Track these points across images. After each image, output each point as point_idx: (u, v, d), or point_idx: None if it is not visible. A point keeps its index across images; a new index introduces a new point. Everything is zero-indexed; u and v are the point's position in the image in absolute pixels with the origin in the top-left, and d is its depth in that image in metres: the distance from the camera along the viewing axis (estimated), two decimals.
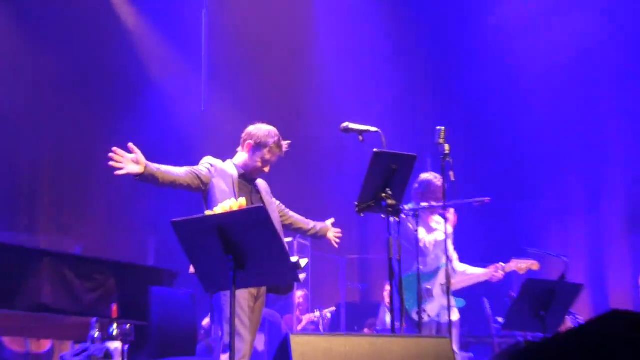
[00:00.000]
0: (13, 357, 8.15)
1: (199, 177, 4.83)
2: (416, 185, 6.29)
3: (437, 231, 6.14)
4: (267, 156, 4.99)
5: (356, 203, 4.94)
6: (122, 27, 11.25)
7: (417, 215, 6.00)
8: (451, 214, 6.19)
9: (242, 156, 5.05)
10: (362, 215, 4.99)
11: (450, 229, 6.14)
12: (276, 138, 5.03)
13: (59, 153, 10.47)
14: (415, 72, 10.67)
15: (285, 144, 5.08)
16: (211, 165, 4.93)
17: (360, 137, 5.14)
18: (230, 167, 4.99)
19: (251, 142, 5.02)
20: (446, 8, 10.38)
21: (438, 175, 5.79)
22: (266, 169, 5.03)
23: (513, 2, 9.71)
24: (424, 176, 6.28)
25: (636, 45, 9.25)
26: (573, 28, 9.27)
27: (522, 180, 9.70)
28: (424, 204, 6.13)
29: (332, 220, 5.48)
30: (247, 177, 5.02)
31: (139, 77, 11.20)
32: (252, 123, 5.15)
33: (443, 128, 5.37)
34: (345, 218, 5.66)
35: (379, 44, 10.71)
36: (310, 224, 5.41)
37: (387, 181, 4.86)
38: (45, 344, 8.16)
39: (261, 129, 5.05)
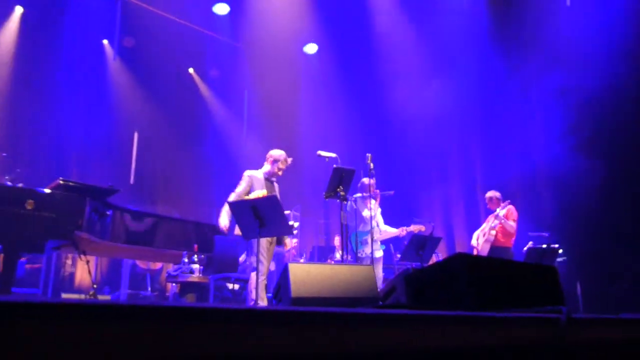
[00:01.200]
0: (142, 271, 8.10)
1: (248, 186, 4.82)
2: (359, 185, 6.34)
3: (371, 209, 6.16)
4: (280, 166, 5.00)
5: (324, 193, 4.96)
6: (200, 96, 11.19)
7: (356, 200, 6.05)
8: (377, 200, 6.26)
9: (266, 167, 5.03)
10: (327, 199, 5.02)
11: (377, 207, 6.19)
12: (285, 156, 5.04)
13: (163, 161, 10.39)
14: (358, 123, 10.62)
15: (289, 160, 5.10)
16: (249, 177, 4.91)
17: (327, 159, 5.16)
18: (260, 174, 4.97)
19: (271, 159, 5.02)
20: (376, 83, 10.31)
21: (368, 179, 5.83)
22: (280, 173, 5.04)
23: (411, 82, 9.60)
24: (363, 180, 6.32)
25: (464, 100, 9.15)
26: (434, 94, 9.24)
27: (411, 179, 9.63)
28: (359, 194, 6.18)
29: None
30: (269, 179, 5.02)
31: (209, 121, 11.11)
32: (271, 148, 5.16)
33: (370, 155, 5.40)
34: (318, 202, 5.64)
35: (339, 102, 10.65)
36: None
37: (340, 182, 4.87)
38: (158, 265, 8.11)
39: (277, 152, 5.04)
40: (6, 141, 8.40)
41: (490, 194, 6.57)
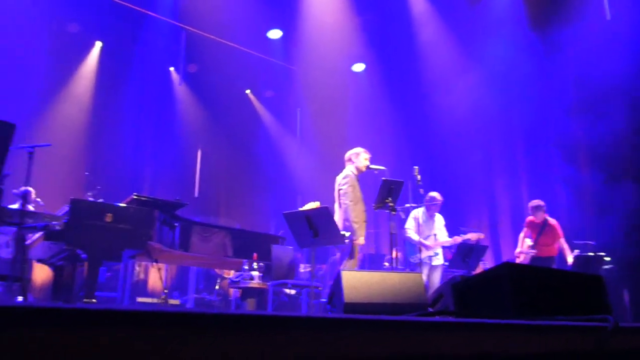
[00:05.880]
0: (215, 275, 8.14)
1: (354, 187, 4.88)
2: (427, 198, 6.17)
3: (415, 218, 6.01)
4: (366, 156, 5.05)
5: (373, 205, 4.93)
6: (257, 115, 11.42)
7: (403, 211, 5.97)
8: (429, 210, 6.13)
9: (352, 166, 4.98)
10: (376, 210, 4.99)
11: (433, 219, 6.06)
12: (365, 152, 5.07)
13: (223, 176, 10.69)
14: (404, 135, 10.46)
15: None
16: (352, 179, 4.89)
17: (376, 171, 5.12)
18: (354, 175, 4.98)
19: (355, 154, 5.03)
20: (420, 95, 10.08)
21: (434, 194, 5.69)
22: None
23: (453, 92, 9.36)
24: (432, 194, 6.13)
25: (499, 102, 8.74)
26: (466, 95, 8.94)
27: (457, 189, 9.29)
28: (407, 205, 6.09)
29: None
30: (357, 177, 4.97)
31: (265, 138, 11.10)
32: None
33: (417, 167, 5.34)
34: (368, 212, 5.59)
35: (386, 117, 10.55)
36: None
37: (389, 193, 4.79)
38: (222, 271, 8.20)
39: (358, 148, 5.09)
40: (89, 161, 8.94)
41: (538, 202, 6.30)
